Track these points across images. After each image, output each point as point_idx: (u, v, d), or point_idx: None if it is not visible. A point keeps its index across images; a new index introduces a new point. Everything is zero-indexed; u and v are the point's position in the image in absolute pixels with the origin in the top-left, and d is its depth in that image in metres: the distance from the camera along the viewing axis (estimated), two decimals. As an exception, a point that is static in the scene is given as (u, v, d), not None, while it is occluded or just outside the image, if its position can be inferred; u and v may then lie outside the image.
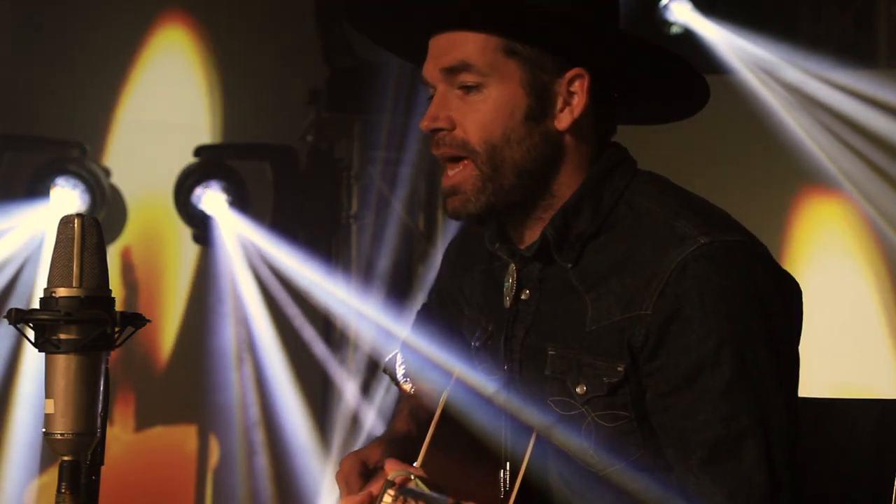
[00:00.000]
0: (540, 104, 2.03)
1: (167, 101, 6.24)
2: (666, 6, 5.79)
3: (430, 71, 2.07)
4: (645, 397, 1.99)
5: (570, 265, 2.05)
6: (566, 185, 2.07)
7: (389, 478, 1.95)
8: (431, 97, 2.09)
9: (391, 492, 1.92)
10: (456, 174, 2.05)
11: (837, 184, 5.58)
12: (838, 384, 5.29)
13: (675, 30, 5.81)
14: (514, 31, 2.01)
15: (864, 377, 5.42)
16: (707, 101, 2.13)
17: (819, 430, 2.26)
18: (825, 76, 5.58)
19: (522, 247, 2.10)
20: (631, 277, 1.99)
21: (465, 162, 2.04)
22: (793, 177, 5.66)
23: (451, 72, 2.04)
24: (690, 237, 1.96)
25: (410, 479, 1.91)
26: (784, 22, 5.86)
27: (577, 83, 2.04)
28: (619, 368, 1.98)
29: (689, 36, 5.75)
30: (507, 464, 2.11)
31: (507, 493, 2.08)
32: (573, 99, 2.04)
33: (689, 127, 6.21)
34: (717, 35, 5.75)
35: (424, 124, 2.06)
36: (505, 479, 2.10)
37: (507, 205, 2.06)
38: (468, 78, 2.03)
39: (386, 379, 2.53)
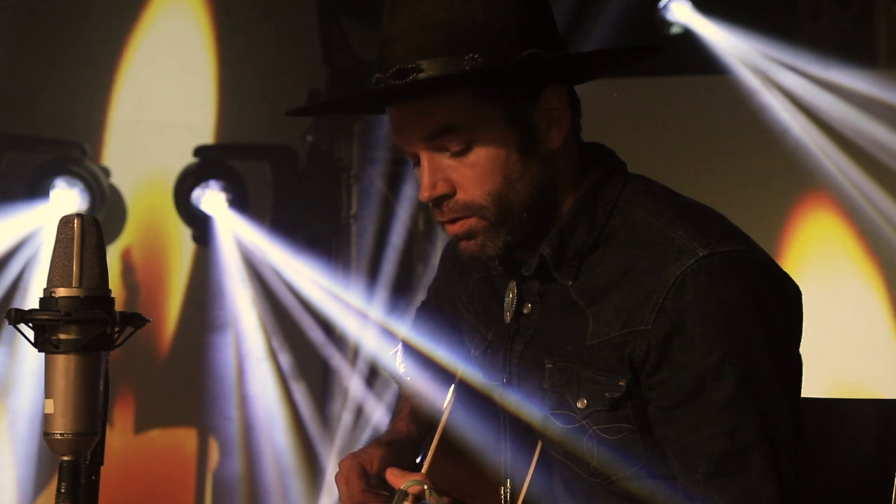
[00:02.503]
0: (528, 135, 2.00)
1: (167, 102, 6.24)
2: (666, 6, 5.79)
3: (408, 142, 2.01)
4: (647, 410, 1.98)
5: (570, 282, 2.03)
6: (565, 199, 2.05)
7: (403, 487, 1.94)
8: (415, 162, 2.04)
9: (407, 503, 1.91)
10: (462, 224, 2.02)
11: (836, 183, 5.58)
12: (842, 384, 5.29)
13: (674, 30, 5.82)
14: (478, 80, 1.97)
15: (868, 377, 5.42)
16: (655, 52, 2.10)
17: (819, 430, 2.26)
18: (825, 76, 5.58)
19: (523, 263, 2.09)
20: (629, 291, 1.97)
21: (473, 219, 2.00)
22: (792, 176, 5.66)
23: (434, 137, 1.98)
24: (689, 250, 1.94)
25: (425, 491, 1.90)
26: (784, 22, 5.86)
27: (554, 100, 2.02)
28: (621, 383, 1.97)
29: (688, 36, 5.76)
30: (508, 480, 2.10)
31: None
32: (554, 115, 2.02)
33: (689, 126, 6.21)
34: (716, 35, 5.75)
35: (425, 196, 2.01)
36: (506, 495, 2.09)
37: (522, 238, 2.03)
38: (454, 139, 1.97)
39: (387, 379, 2.53)
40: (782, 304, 1.98)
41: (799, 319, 2.01)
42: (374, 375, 5.92)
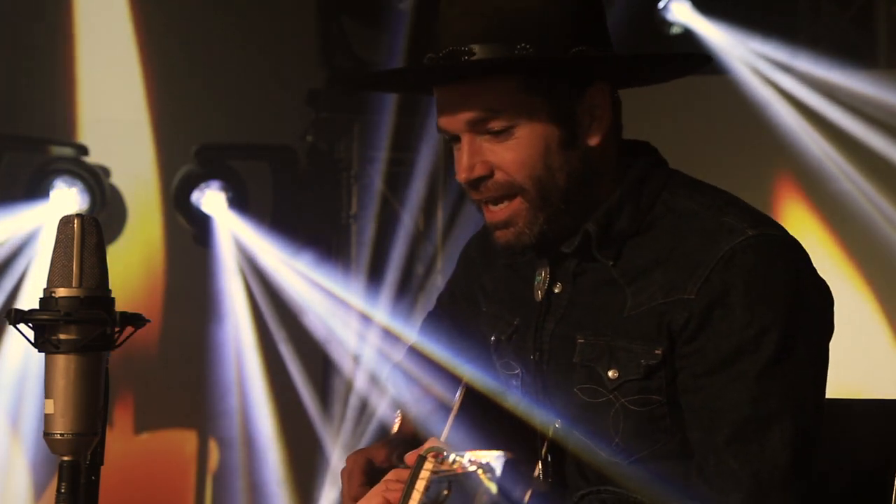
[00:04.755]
0: (570, 129, 2.04)
1: (167, 101, 6.24)
2: (666, 6, 5.79)
3: (451, 123, 2.05)
4: (677, 379, 2.01)
5: (611, 262, 2.07)
6: (601, 194, 2.09)
7: (422, 454, 1.94)
8: (450, 140, 2.08)
9: (428, 464, 1.91)
10: (503, 209, 2.06)
11: (835, 182, 5.58)
12: (841, 385, 5.29)
13: (674, 30, 5.82)
14: (529, 70, 2.02)
15: (864, 377, 5.42)
16: (705, 63, 2.19)
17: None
18: (824, 76, 5.58)
19: (560, 244, 2.11)
20: (675, 267, 2.02)
21: (515, 199, 2.05)
22: (791, 176, 5.66)
23: (477, 122, 2.03)
24: (738, 229, 2.00)
25: (446, 451, 1.90)
26: (784, 22, 5.86)
27: (598, 98, 2.06)
28: (657, 351, 2.01)
29: (688, 36, 5.75)
30: (549, 455, 2.11)
31: (543, 483, 2.08)
32: (597, 112, 2.06)
33: (688, 126, 6.20)
34: (716, 35, 5.75)
35: (463, 177, 2.05)
36: (540, 472, 2.10)
37: (557, 229, 2.08)
38: (496, 124, 2.02)
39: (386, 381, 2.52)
40: (821, 297, 2.05)
41: (832, 315, 2.06)
42: (374, 375, 5.92)
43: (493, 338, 2.26)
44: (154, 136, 6.22)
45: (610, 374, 2.04)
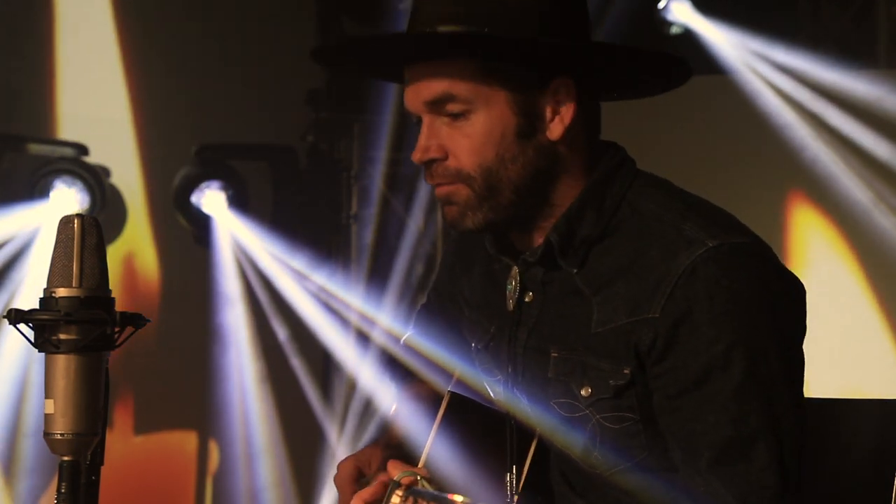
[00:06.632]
0: (529, 120, 2.02)
1: (167, 101, 6.24)
2: (666, 6, 5.79)
3: (413, 103, 2.05)
4: (652, 399, 1.99)
5: (575, 270, 2.04)
6: (564, 192, 2.06)
7: (395, 478, 1.95)
8: (417, 122, 2.07)
9: (399, 492, 1.92)
10: (448, 188, 2.04)
11: (835, 184, 5.58)
12: (840, 386, 5.29)
13: (674, 30, 5.82)
14: (492, 54, 2.00)
15: (864, 378, 5.42)
16: (688, 77, 2.12)
17: (819, 430, 2.26)
18: (824, 76, 5.58)
19: (525, 251, 2.10)
20: (638, 280, 1.98)
21: (459, 185, 2.03)
22: (791, 177, 5.66)
23: (435, 103, 2.02)
24: (698, 240, 1.96)
25: (417, 480, 1.91)
26: (784, 22, 5.86)
27: (562, 92, 2.03)
28: (625, 371, 1.98)
29: (688, 36, 5.76)
30: (514, 467, 2.11)
31: (513, 496, 2.08)
32: (561, 108, 2.03)
33: (689, 127, 6.19)
34: (716, 35, 5.75)
35: (416, 157, 2.04)
36: (511, 482, 2.10)
37: (506, 219, 2.06)
38: (453, 107, 2.01)
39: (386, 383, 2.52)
40: (788, 297, 2.01)
41: (803, 315, 2.03)
42: (377, 374, 5.92)
43: (473, 344, 2.25)
44: (154, 136, 6.22)
45: (583, 391, 2.02)
